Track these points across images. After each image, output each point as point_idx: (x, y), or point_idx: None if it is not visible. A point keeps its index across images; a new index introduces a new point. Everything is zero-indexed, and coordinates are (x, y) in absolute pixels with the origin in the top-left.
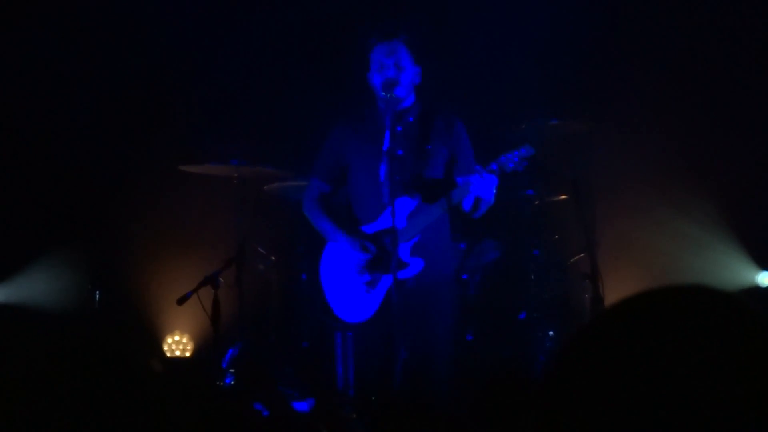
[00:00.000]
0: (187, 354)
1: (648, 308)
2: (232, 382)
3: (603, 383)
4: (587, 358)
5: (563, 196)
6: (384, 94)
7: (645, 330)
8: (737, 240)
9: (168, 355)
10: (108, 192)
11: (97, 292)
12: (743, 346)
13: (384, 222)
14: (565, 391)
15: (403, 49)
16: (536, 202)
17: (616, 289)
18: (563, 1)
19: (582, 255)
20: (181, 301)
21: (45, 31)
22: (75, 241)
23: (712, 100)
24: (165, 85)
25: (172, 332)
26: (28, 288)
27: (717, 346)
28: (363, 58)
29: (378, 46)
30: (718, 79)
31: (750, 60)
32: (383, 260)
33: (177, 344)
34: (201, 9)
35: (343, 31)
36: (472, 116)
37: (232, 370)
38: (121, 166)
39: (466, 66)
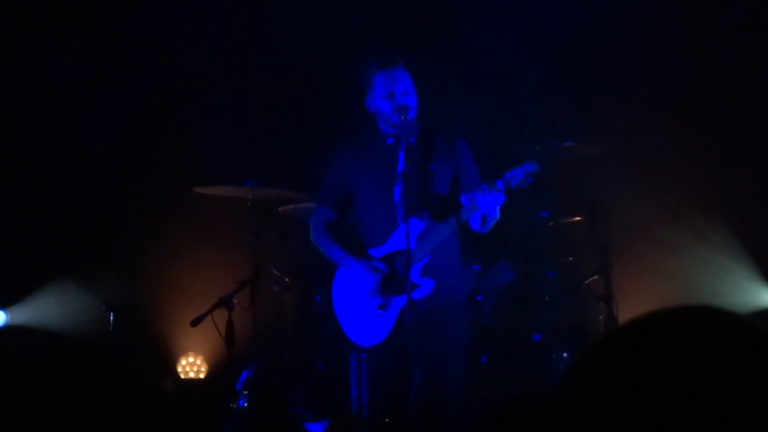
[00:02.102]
0: (201, 376)
1: (656, 328)
2: (246, 405)
3: (611, 402)
4: (596, 378)
5: (578, 218)
6: (401, 117)
7: (653, 350)
8: (752, 262)
9: (182, 376)
10: (122, 214)
11: (111, 314)
12: (752, 367)
13: (393, 244)
14: (574, 410)
15: (407, 75)
16: (551, 224)
17: (630, 311)
18: (579, 22)
19: (596, 277)
20: (195, 322)
21: (62, 55)
22: (89, 264)
23: (729, 123)
24: (180, 108)
25: (186, 354)
26: (42, 310)
27: (725, 366)
28: (362, 84)
29: (381, 73)
30: (737, 103)
31: None
32: (394, 282)
33: (191, 366)
34: (216, 34)
35: (348, 58)
36: (485, 138)
37: (245, 392)
38: (136, 188)
39: (480, 87)
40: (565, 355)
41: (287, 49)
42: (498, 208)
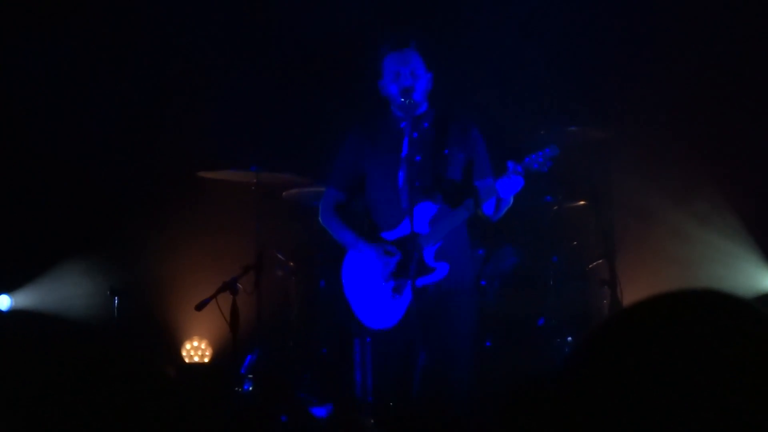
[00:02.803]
0: (206, 360)
1: (659, 312)
2: (251, 388)
3: (614, 387)
4: (599, 362)
5: (582, 203)
6: (403, 100)
7: (656, 334)
8: (756, 247)
9: (186, 360)
10: (126, 198)
11: (116, 298)
12: (754, 352)
13: (405, 228)
14: (577, 394)
15: (417, 57)
16: (555, 208)
17: (634, 295)
18: (583, 6)
19: (601, 261)
20: (199, 306)
21: (67, 42)
22: (94, 248)
23: (735, 108)
24: (184, 92)
25: (190, 338)
26: (46, 294)
27: (728, 351)
28: (374, 67)
29: (391, 55)
30: (743, 87)
31: None
32: (408, 267)
33: (195, 350)
34: (222, 18)
35: (360, 39)
36: (491, 123)
37: (250, 376)
38: (140, 172)
39: (484, 72)
40: (569, 339)
41: (293, 32)
42: (515, 193)
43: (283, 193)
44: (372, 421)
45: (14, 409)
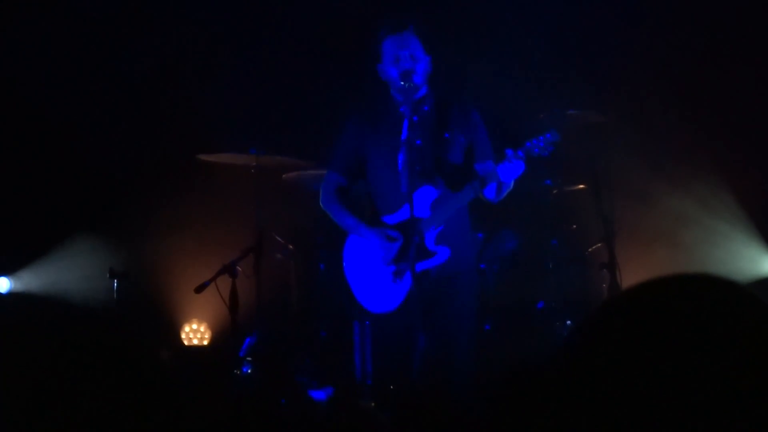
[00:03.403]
0: (205, 342)
1: (657, 296)
2: (250, 371)
3: (612, 368)
4: (597, 344)
5: (581, 186)
6: (403, 83)
7: (653, 317)
8: (753, 230)
9: (185, 343)
10: (126, 181)
11: (115, 281)
12: (747, 335)
13: (405, 212)
14: (575, 376)
15: (416, 40)
16: (554, 192)
17: (633, 279)
18: None
19: (600, 245)
20: (199, 289)
21: (69, 27)
22: (93, 231)
23: (733, 92)
24: (185, 76)
25: (189, 321)
26: (46, 277)
27: (722, 334)
28: (374, 50)
29: (390, 38)
30: (741, 72)
31: None
32: (409, 251)
33: (195, 332)
34: (223, 2)
35: (359, 22)
36: (490, 106)
37: (249, 359)
38: (140, 155)
39: (483, 55)
40: (568, 322)
41: (293, 16)
42: (516, 177)
43: (283, 176)
44: (372, 403)
45: (13, 391)
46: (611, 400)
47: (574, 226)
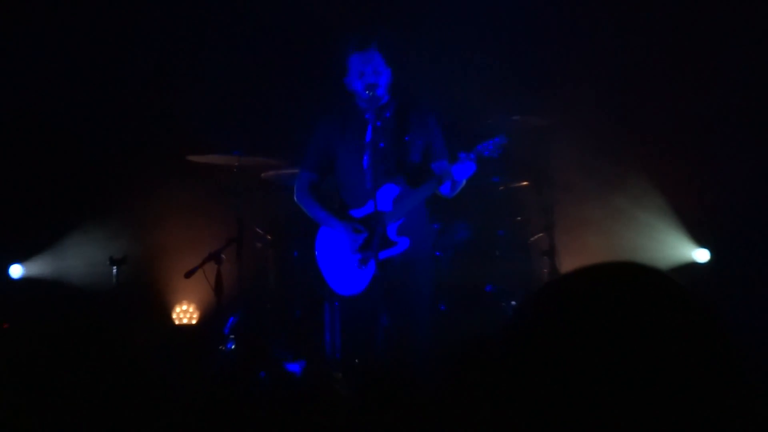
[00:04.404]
0: (194, 322)
1: (588, 281)
2: (233, 347)
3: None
4: (536, 323)
5: (525, 183)
6: (368, 93)
7: (585, 299)
8: (677, 221)
9: (176, 322)
10: (124, 179)
11: (115, 267)
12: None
13: (370, 207)
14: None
15: (378, 56)
16: (501, 188)
17: (571, 265)
18: (524, 13)
19: (541, 234)
20: (188, 274)
21: (65, 34)
22: (96, 223)
23: (660, 98)
24: (177, 86)
25: (180, 302)
26: (55, 264)
27: (645, 314)
28: (341, 65)
29: (355, 55)
30: (667, 82)
31: (699, 65)
32: (373, 241)
33: (185, 313)
34: (211, 24)
35: (327, 39)
36: (445, 112)
37: (232, 336)
38: (137, 157)
39: (439, 66)
40: (513, 303)
41: (270, 35)
42: (468, 176)
43: (262, 175)
44: (340, 375)
45: (25, 365)
46: (548, 369)
47: (519, 218)
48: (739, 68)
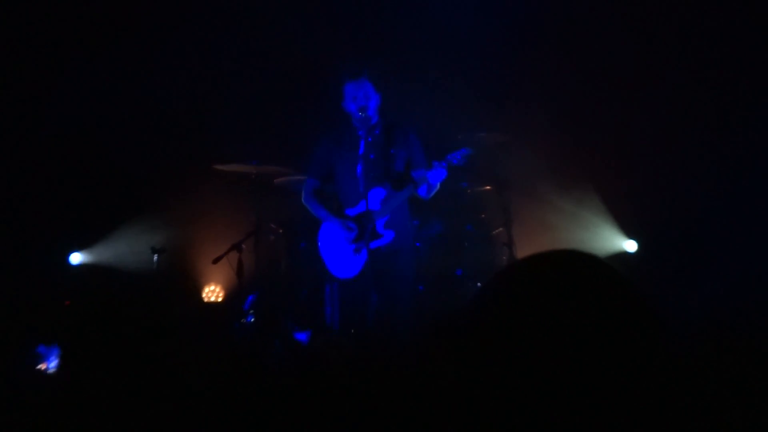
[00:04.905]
0: (219, 299)
1: (537, 265)
2: (252, 320)
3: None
4: (496, 298)
5: (488, 187)
6: (360, 114)
7: (537, 279)
8: (611, 218)
9: (205, 300)
10: (163, 185)
11: (156, 255)
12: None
13: (362, 206)
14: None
15: (368, 84)
16: (469, 191)
17: (525, 253)
18: (490, 47)
19: (501, 229)
20: (215, 261)
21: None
22: (140, 218)
23: (598, 117)
24: (206, 109)
25: (208, 284)
26: (108, 252)
27: (585, 290)
28: (338, 92)
29: (349, 83)
30: (605, 102)
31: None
32: (365, 233)
33: (212, 292)
34: (232, 55)
35: (326, 72)
36: (423, 129)
37: (251, 311)
38: (173, 165)
39: (418, 92)
40: (479, 284)
41: (281, 68)
42: (441, 180)
43: (275, 180)
44: (339, 341)
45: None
46: (505, 335)
47: (483, 216)
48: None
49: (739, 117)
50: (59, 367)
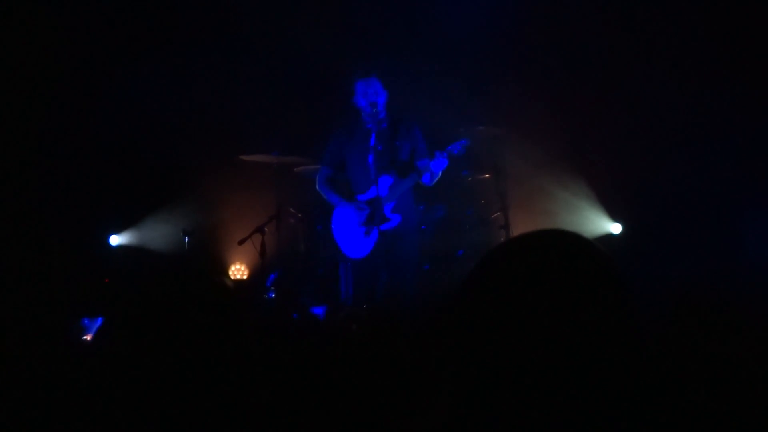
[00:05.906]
0: (244, 277)
1: (527, 244)
2: (273, 296)
3: (500, 289)
4: (489, 276)
5: (487, 175)
6: (371, 109)
7: (528, 256)
8: (598, 202)
9: (232, 277)
10: (193, 173)
11: (186, 237)
12: (589, 270)
13: (372, 192)
14: (477, 293)
15: (377, 82)
16: (469, 179)
17: None
18: (489, 47)
19: (498, 213)
20: (241, 242)
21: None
22: (172, 203)
23: (588, 111)
24: (232, 105)
25: (234, 263)
26: (143, 235)
27: (572, 269)
28: (350, 89)
29: (360, 81)
30: (590, 101)
31: (611, 86)
32: (374, 217)
33: (238, 270)
34: (257, 60)
35: (340, 71)
36: (426, 123)
37: (273, 288)
38: (203, 156)
39: (423, 89)
40: None
41: (299, 68)
42: (443, 169)
43: (294, 169)
44: (351, 315)
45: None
46: (500, 308)
47: (482, 201)
48: (639, 85)
49: (717, 110)
50: (96, 334)
